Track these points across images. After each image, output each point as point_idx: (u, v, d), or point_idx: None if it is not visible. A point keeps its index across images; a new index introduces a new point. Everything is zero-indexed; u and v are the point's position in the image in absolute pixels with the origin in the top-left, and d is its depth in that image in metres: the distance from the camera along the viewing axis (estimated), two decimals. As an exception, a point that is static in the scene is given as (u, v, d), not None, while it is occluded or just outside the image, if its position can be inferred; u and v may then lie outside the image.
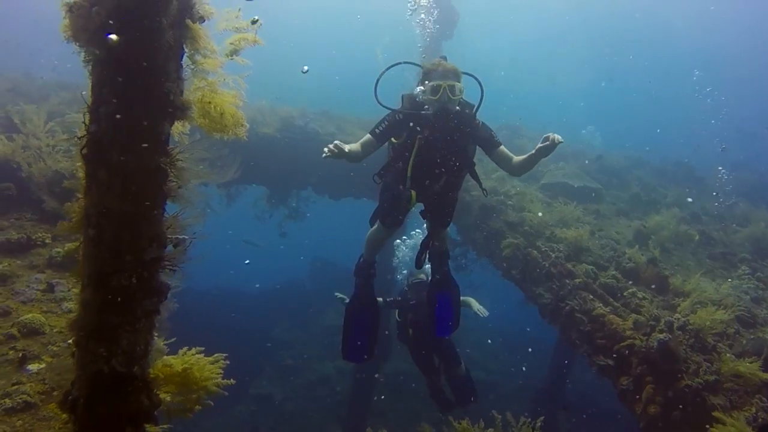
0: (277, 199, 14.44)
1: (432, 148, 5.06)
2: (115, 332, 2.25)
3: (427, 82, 4.96)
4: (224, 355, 2.92)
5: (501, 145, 5.24)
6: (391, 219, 5.52)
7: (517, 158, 5.18)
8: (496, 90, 5.34)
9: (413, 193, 5.14)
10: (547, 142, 4.66)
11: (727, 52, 38.24)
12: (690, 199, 12.11)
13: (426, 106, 5.02)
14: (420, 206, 5.63)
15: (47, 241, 5.55)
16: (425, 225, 6.01)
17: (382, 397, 13.38)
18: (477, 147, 5.36)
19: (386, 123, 5.12)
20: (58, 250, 5.27)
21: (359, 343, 6.26)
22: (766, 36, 34.53)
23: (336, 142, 4.56)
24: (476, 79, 5.04)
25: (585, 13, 39.25)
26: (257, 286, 21.34)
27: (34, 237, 5.46)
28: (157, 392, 2.58)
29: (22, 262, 5.15)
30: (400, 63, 5.37)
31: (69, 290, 4.77)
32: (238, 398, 14.26)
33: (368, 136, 5.13)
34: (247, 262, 17.06)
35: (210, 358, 2.86)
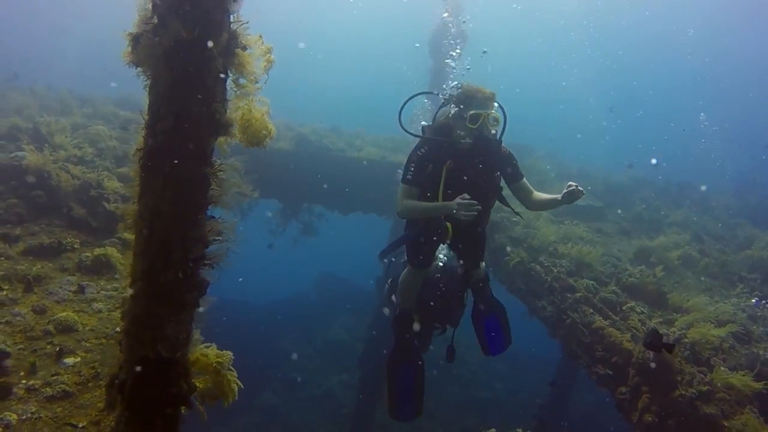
0: (290, 214, 14.81)
1: (461, 176, 4.84)
2: (161, 321, 2.55)
3: (462, 107, 4.79)
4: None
5: (524, 177, 5.15)
6: (423, 258, 5.24)
7: (537, 195, 5.09)
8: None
9: (449, 225, 4.88)
10: (572, 188, 4.55)
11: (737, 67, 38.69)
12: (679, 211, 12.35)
13: (461, 134, 4.81)
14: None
15: (76, 246, 5.89)
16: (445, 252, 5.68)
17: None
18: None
19: (413, 165, 4.89)
20: (87, 254, 5.59)
21: (406, 400, 5.80)
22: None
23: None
24: (499, 105, 4.93)
25: (593, 26, 39.93)
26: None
27: (64, 242, 5.79)
28: (192, 379, 2.88)
29: (54, 265, 5.49)
30: (425, 93, 5.42)
31: (98, 292, 5.09)
32: (243, 410, 14.48)
33: (404, 186, 4.91)
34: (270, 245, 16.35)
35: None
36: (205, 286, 2.69)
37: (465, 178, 4.83)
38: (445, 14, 14.57)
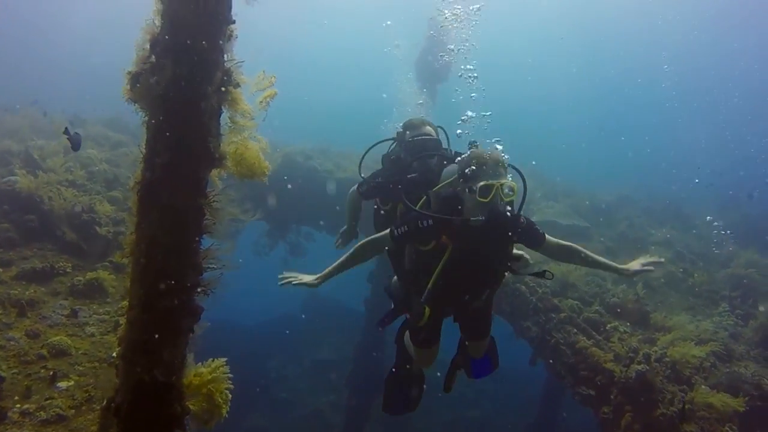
0: (277, 235, 14.92)
1: (466, 260, 4.16)
2: (157, 347, 2.65)
3: (470, 175, 4.03)
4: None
5: (545, 238, 4.37)
6: (424, 339, 4.67)
7: (577, 250, 4.39)
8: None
9: (426, 309, 4.19)
10: (646, 268, 4.25)
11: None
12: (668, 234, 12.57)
13: (471, 209, 4.01)
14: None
15: (68, 270, 5.96)
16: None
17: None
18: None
19: (406, 228, 4.11)
20: (79, 278, 5.67)
21: (401, 401, 5.52)
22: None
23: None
24: (518, 171, 4.31)
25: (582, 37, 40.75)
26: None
27: (56, 266, 5.86)
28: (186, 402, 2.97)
29: (47, 289, 5.57)
30: (434, 154, 4.81)
31: (90, 316, 5.17)
32: None
33: (387, 237, 4.22)
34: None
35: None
36: (199, 312, 2.81)
37: (473, 261, 4.17)
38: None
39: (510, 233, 4.09)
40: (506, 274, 4.46)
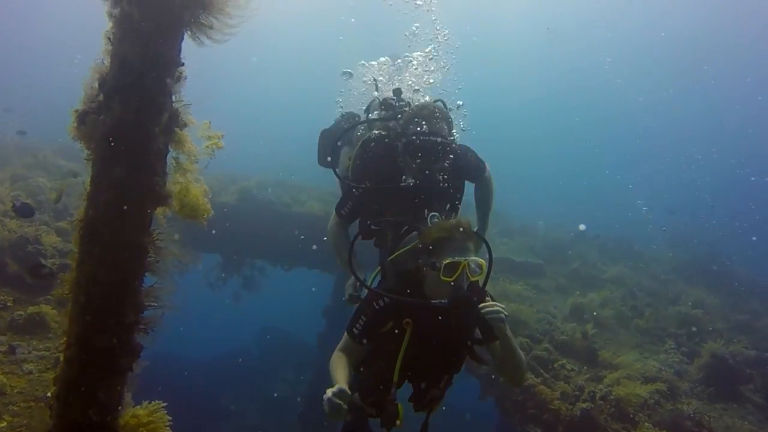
0: (231, 268, 14.77)
1: (426, 345, 3.69)
2: (93, 386, 2.61)
3: (433, 250, 3.62)
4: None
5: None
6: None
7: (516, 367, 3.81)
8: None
9: (401, 408, 3.72)
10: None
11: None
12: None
13: (434, 290, 3.61)
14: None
15: (9, 304, 5.79)
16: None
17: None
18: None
19: (364, 319, 3.72)
20: (20, 312, 5.51)
21: None
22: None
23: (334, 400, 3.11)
24: (485, 241, 3.93)
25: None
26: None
27: (-4, 300, 5.69)
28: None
29: (-16, 325, 5.37)
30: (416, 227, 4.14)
31: (30, 352, 5.01)
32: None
33: (348, 339, 3.79)
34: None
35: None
36: (138, 351, 2.78)
37: (430, 345, 3.70)
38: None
39: (474, 318, 3.60)
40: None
